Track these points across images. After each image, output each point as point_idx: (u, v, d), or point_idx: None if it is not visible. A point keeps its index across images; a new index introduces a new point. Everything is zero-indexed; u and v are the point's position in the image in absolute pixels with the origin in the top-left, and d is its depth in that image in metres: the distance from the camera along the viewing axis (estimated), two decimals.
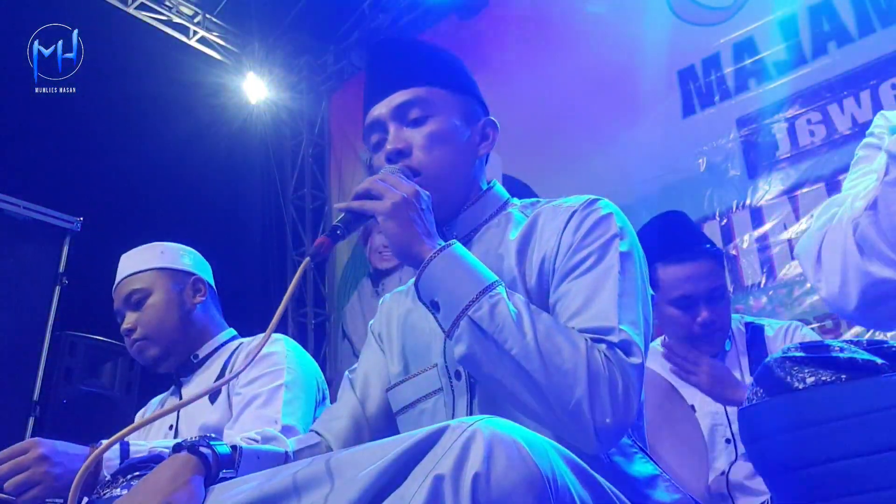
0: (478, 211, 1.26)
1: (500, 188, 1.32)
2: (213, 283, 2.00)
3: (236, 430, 1.62)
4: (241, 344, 1.90)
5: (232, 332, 1.99)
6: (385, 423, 1.28)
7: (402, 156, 1.21)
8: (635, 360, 1.00)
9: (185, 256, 1.97)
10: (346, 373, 1.37)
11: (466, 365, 1.05)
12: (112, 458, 1.55)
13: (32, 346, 3.26)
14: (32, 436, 3.21)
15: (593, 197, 1.19)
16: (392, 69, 1.28)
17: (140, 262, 1.92)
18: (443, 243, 1.08)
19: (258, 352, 0.96)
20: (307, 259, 1.06)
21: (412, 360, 1.23)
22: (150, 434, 1.87)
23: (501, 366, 0.99)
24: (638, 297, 1.08)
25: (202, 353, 1.89)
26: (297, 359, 1.78)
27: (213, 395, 1.76)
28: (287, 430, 1.59)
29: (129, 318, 1.86)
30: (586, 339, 1.00)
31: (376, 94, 1.28)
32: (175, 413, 1.82)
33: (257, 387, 1.69)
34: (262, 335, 1.81)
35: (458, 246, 1.08)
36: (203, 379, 1.86)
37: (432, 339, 1.19)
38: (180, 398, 1.88)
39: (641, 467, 1.07)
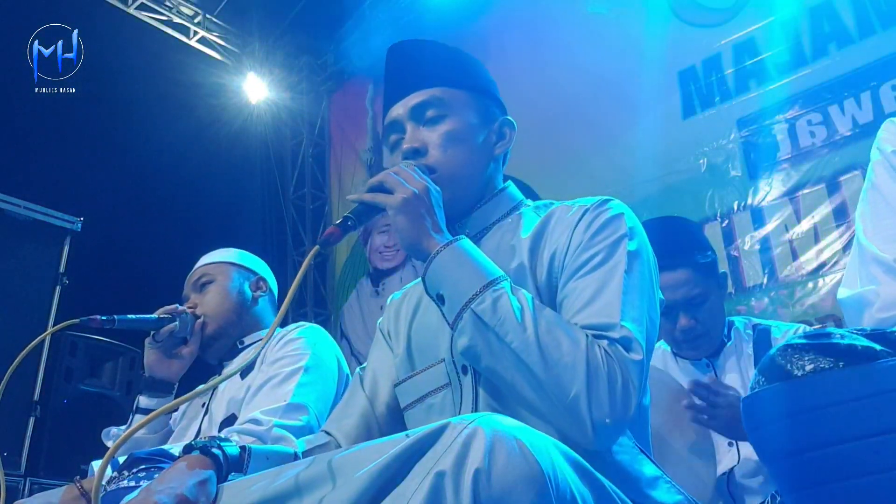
0: (491, 209, 1.28)
1: (514, 189, 1.33)
2: (276, 292, 2.13)
3: (250, 408, 1.67)
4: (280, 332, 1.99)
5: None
6: (395, 419, 1.29)
7: (417, 154, 1.23)
8: (636, 356, 1.01)
9: (255, 261, 2.12)
10: (357, 370, 1.39)
11: (467, 357, 1.07)
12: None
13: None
14: (33, 436, 3.22)
15: (605, 197, 1.20)
16: (409, 71, 1.30)
17: (214, 256, 2.08)
18: (450, 238, 1.09)
19: (270, 334, 0.99)
20: (316, 247, 1.07)
21: (420, 356, 1.24)
22: (187, 412, 1.95)
23: (502, 358, 1.01)
24: (643, 295, 1.09)
25: (248, 340, 1.98)
26: (322, 346, 1.84)
27: (245, 371, 1.83)
28: (295, 408, 1.63)
29: (193, 300, 1.99)
30: (587, 335, 1.01)
31: (395, 96, 1.30)
32: (209, 392, 1.92)
33: (278, 367, 1.74)
34: (294, 325, 1.89)
35: (465, 241, 1.10)
36: (241, 362, 1.92)
37: (440, 334, 1.20)
38: None
39: (644, 467, 1.07)
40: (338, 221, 1.11)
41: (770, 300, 3.51)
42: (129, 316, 1.83)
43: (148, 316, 1.87)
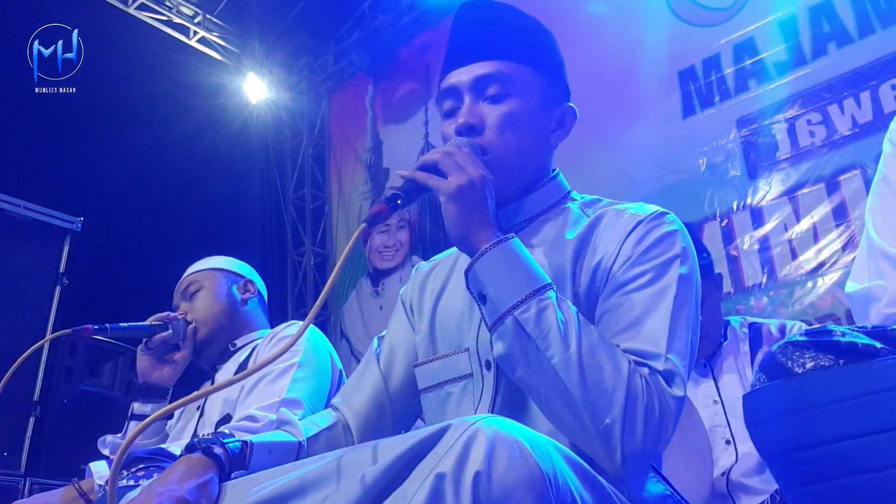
0: (538, 199, 1.21)
1: (562, 178, 1.27)
2: (264, 294, 2.15)
3: (245, 406, 1.68)
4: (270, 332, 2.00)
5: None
6: (408, 398, 1.25)
7: (472, 131, 1.16)
8: (677, 391, 0.97)
9: (241, 266, 2.14)
10: (375, 339, 1.33)
11: (503, 364, 1.02)
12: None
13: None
14: (33, 436, 3.22)
15: (662, 210, 1.14)
16: (479, 36, 1.22)
17: (200, 265, 2.10)
18: (501, 236, 1.03)
19: (301, 332, 0.93)
20: (363, 225, 1.00)
21: (443, 339, 1.19)
22: (183, 415, 1.97)
23: (539, 372, 0.96)
24: (689, 325, 1.04)
25: (240, 342, 2.00)
26: (315, 342, 1.85)
27: (239, 372, 1.84)
28: (290, 403, 1.63)
29: (183, 308, 2.00)
30: (630, 361, 0.96)
31: (458, 60, 1.21)
32: (203, 397, 1.91)
33: (272, 364, 1.72)
34: (285, 324, 1.92)
35: (516, 240, 1.04)
36: (234, 364, 1.95)
37: (466, 321, 1.15)
38: (213, 383, 1.97)
39: (652, 487, 1.04)
40: (384, 199, 1.03)
41: (769, 300, 3.51)
42: (121, 324, 1.85)
43: (140, 324, 1.89)
